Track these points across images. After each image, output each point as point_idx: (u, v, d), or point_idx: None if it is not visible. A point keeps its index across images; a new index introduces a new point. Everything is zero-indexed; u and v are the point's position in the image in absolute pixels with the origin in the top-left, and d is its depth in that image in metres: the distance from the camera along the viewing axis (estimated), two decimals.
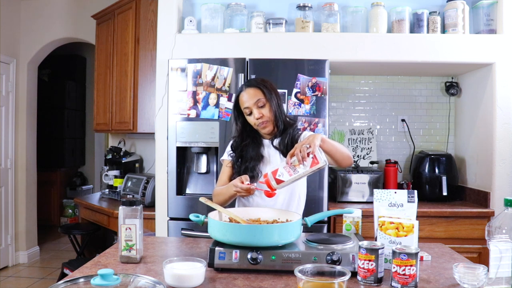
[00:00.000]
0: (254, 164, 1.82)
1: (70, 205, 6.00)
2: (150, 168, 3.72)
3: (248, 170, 1.80)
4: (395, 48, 2.71)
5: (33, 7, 4.33)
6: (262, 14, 2.79)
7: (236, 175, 1.80)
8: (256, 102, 1.78)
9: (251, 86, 1.82)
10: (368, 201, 2.85)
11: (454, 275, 1.23)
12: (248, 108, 1.79)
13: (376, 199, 1.45)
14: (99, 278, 1.07)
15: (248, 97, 1.79)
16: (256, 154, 1.83)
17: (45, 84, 5.88)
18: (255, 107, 1.78)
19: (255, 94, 1.79)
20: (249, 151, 1.84)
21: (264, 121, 1.79)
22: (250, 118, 1.82)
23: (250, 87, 1.81)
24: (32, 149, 4.48)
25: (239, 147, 1.86)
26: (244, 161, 1.83)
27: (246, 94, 1.80)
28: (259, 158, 1.83)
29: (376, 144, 3.22)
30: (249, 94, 1.79)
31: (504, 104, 2.70)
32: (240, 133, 1.87)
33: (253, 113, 1.79)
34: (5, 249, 4.17)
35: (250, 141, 1.85)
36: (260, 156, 1.83)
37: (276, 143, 1.84)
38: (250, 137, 1.86)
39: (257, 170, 1.81)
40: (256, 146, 1.85)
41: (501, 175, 2.69)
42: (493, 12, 2.75)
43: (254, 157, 1.82)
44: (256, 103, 1.78)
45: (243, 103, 1.81)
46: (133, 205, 1.43)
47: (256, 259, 1.31)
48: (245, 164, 1.82)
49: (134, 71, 3.37)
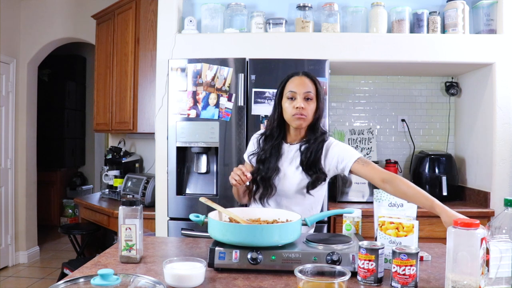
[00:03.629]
0: (271, 176, 1.70)
1: (70, 205, 6.00)
2: (150, 168, 3.72)
3: (264, 181, 1.70)
4: (395, 48, 2.71)
5: (33, 7, 4.33)
6: (262, 14, 2.79)
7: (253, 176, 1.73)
8: (305, 93, 1.65)
9: (308, 76, 1.70)
10: (368, 201, 2.85)
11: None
12: (295, 93, 1.65)
13: (376, 199, 1.45)
14: (99, 278, 1.07)
15: (300, 83, 1.66)
16: (275, 166, 1.70)
17: (45, 84, 5.88)
18: (301, 96, 1.65)
19: (309, 85, 1.67)
20: (270, 161, 1.71)
21: (303, 114, 1.64)
22: (289, 104, 1.66)
23: (307, 77, 1.69)
24: (32, 149, 4.48)
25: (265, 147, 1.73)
26: (262, 169, 1.71)
27: (299, 80, 1.68)
28: (277, 171, 1.70)
29: (376, 144, 3.22)
30: (303, 81, 1.67)
31: (504, 104, 2.70)
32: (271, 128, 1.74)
33: (296, 100, 1.65)
34: (5, 249, 4.17)
35: (276, 143, 1.72)
36: (277, 169, 1.71)
37: (304, 149, 1.70)
38: (277, 139, 1.73)
39: (272, 184, 1.70)
40: (276, 156, 1.72)
41: (501, 175, 2.69)
42: (493, 12, 2.75)
43: (272, 168, 1.70)
44: (305, 94, 1.65)
45: (291, 86, 1.67)
46: (133, 205, 1.43)
47: (256, 259, 1.31)
48: (262, 172, 1.71)
49: (134, 71, 3.37)
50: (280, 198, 1.73)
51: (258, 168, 1.73)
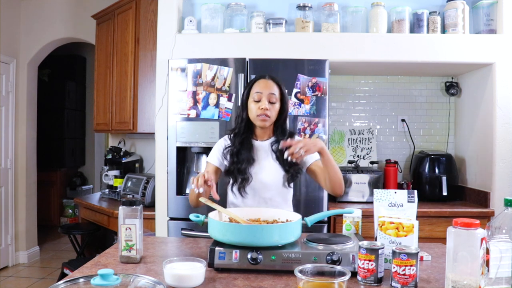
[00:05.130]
0: (246, 167, 1.80)
1: (70, 205, 6.00)
2: (150, 168, 3.72)
3: (239, 170, 1.79)
4: (395, 48, 2.71)
5: (33, 7, 4.33)
6: (262, 14, 2.79)
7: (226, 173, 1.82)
8: (269, 95, 1.76)
9: (273, 80, 1.81)
10: (368, 201, 2.85)
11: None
12: (260, 94, 1.76)
13: (376, 199, 1.45)
14: (99, 278, 1.07)
15: (265, 86, 1.78)
16: (248, 156, 1.80)
17: (45, 84, 5.88)
18: (266, 98, 1.76)
19: (273, 88, 1.78)
20: (242, 153, 1.81)
21: (266, 115, 1.76)
22: (254, 105, 1.77)
23: (272, 80, 1.81)
24: (32, 149, 4.48)
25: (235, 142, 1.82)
26: (237, 163, 1.80)
27: (265, 82, 1.79)
28: (251, 162, 1.81)
29: (376, 144, 3.22)
30: (268, 84, 1.78)
31: (504, 104, 2.70)
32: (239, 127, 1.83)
33: (261, 101, 1.76)
34: (5, 249, 4.17)
35: (244, 138, 1.83)
36: (252, 160, 1.81)
37: (275, 148, 1.82)
38: (244, 134, 1.83)
39: (248, 173, 1.79)
40: (247, 148, 1.82)
41: (501, 175, 2.69)
42: (493, 12, 2.75)
43: (245, 159, 1.79)
44: (269, 96, 1.76)
45: (258, 88, 1.78)
46: (133, 205, 1.43)
47: (256, 259, 1.31)
48: (237, 165, 1.80)
49: (134, 71, 3.37)
50: (258, 188, 1.80)
51: (233, 162, 1.81)
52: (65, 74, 6.20)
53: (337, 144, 3.24)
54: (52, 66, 5.88)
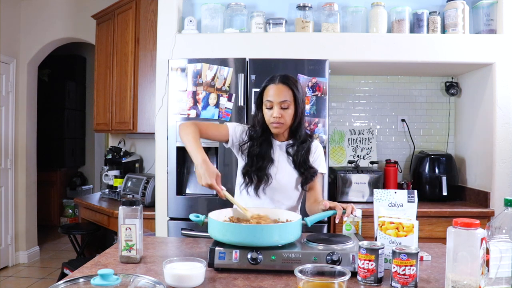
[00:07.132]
0: (266, 165, 1.75)
1: (70, 205, 6.00)
2: (150, 168, 3.72)
3: (259, 170, 1.74)
4: (395, 48, 2.71)
5: (33, 7, 4.33)
6: (262, 14, 2.79)
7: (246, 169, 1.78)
8: (281, 102, 1.69)
9: (283, 83, 1.71)
10: (368, 201, 2.85)
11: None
12: (272, 102, 1.70)
13: (376, 199, 1.45)
14: (99, 278, 1.07)
15: (276, 92, 1.70)
16: (267, 155, 1.76)
17: (45, 84, 5.88)
18: (278, 106, 1.69)
19: (284, 94, 1.70)
20: (261, 150, 1.76)
21: (280, 123, 1.71)
22: (267, 112, 1.73)
23: (283, 84, 1.71)
24: (32, 149, 4.48)
25: (255, 141, 1.78)
26: (257, 161, 1.75)
27: (275, 89, 1.70)
28: (270, 161, 1.76)
29: (376, 144, 3.22)
30: (278, 90, 1.70)
31: (504, 104, 2.70)
32: (256, 131, 1.79)
33: (273, 109, 1.70)
34: (5, 249, 4.17)
35: (264, 138, 1.78)
36: (271, 159, 1.77)
37: (292, 151, 1.78)
38: (264, 136, 1.78)
39: (267, 172, 1.75)
40: (267, 147, 1.77)
41: (501, 175, 2.69)
42: (493, 12, 2.75)
43: (265, 158, 1.75)
44: (281, 103, 1.69)
45: (268, 95, 1.71)
46: (133, 205, 1.43)
47: (256, 259, 1.31)
48: (257, 164, 1.75)
49: (134, 71, 3.37)
50: (275, 189, 1.78)
51: (252, 161, 1.77)
52: (65, 74, 6.20)
53: (337, 144, 3.24)
54: (52, 66, 5.88)
